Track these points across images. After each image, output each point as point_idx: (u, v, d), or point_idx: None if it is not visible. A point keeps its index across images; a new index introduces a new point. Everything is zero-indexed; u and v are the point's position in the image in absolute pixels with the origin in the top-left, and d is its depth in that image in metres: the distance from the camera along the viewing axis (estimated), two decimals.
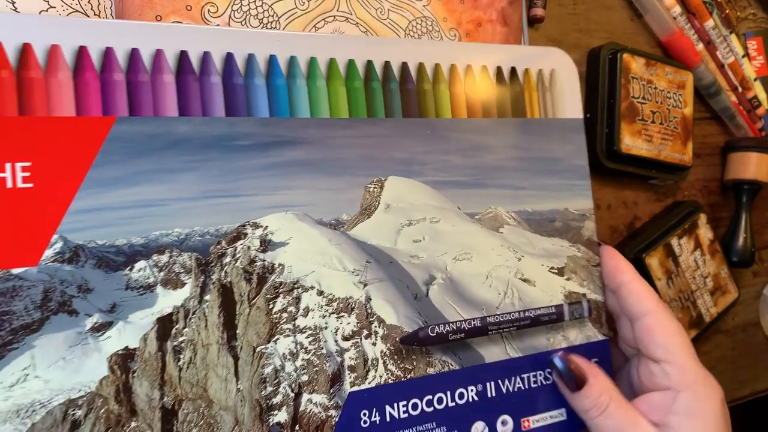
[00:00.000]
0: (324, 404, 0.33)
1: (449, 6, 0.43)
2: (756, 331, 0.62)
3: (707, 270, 0.54)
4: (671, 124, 0.52)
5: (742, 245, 0.57)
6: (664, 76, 0.52)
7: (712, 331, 0.57)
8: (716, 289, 0.54)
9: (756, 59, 0.62)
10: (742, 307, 0.60)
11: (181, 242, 0.31)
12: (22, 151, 0.28)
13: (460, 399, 0.37)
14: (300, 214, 0.34)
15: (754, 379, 0.61)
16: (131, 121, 0.30)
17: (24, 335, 0.28)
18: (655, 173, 0.53)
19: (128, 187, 0.29)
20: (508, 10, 0.44)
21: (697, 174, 0.59)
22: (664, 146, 0.52)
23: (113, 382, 0.29)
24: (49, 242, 0.28)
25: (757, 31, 0.62)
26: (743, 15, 0.62)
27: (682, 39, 0.55)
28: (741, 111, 0.59)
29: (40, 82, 0.28)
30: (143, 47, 0.31)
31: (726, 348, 0.59)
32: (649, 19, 0.55)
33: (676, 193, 0.57)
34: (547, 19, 0.50)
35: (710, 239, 0.54)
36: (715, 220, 0.59)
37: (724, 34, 0.59)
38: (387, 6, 0.41)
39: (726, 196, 0.61)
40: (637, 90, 0.50)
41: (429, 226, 0.38)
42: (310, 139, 0.34)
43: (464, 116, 0.39)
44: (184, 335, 0.30)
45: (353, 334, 0.34)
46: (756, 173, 0.57)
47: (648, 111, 0.51)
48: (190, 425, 0.30)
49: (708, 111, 0.60)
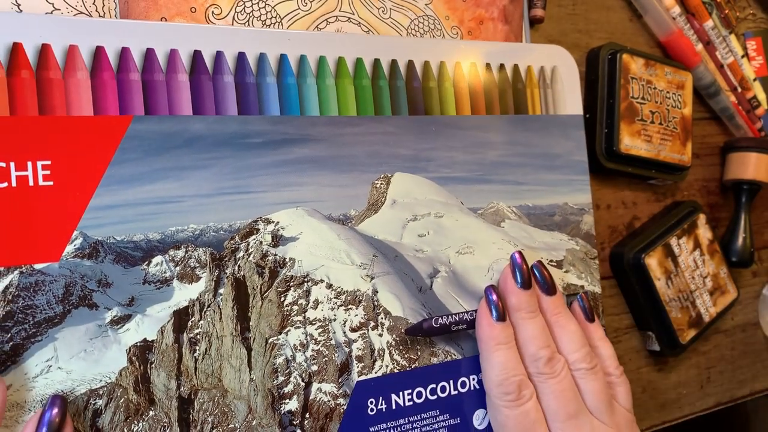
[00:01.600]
0: (333, 393, 0.34)
1: (451, 4, 0.44)
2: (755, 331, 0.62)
3: (706, 270, 0.54)
4: (670, 124, 0.52)
5: (741, 245, 0.57)
6: (664, 77, 0.52)
7: (712, 331, 0.58)
8: (715, 289, 0.55)
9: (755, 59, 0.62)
10: (741, 307, 0.60)
11: (196, 238, 0.32)
12: (42, 150, 0.29)
13: (462, 387, 0.38)
14: (310, 209, 0.35)
15: (753, 379, 0.61)
16: (148, 120, 0.31)
17: (47, 328, 0.29)
18: (655, 173, 0.53)
19: (145, 184, 0.30)
20: (509, 7, 0.45)
21: (696, 174, 0.59)
22: (664, 146, 0.52)
23: (132, 373, 0.30)
24: (69, 238, 0.29)
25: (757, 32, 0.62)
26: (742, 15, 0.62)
27: (681, 39, 0.55)
28: (740, 111, 0.59)
29: (59, 82, 0.29)
30: (158, 47, 0.31)
31: (725, 348, 0.59)
32: (648, 19, 0.56)
33: (676, 193, 0.57)
34: (546, 19, 0.50)
35: (709, 239, 0.54)
36: (715, 220, 0.59)
37: (724, 34, 0.59)
38: (389, 5, 0.42)
39: (725, 196, 0.61)
40: (636, 90, 0.50)
41: (433, 221, 0.39)
42: (319, 137, 0.35)
43: (468, 113, 0.40)
44: (199, 327, 0.31)
45: (361, 325, 0.35)
46: (755, 173, 0.57)
47: (647, 111, 0.51)
48: (206, 414, 0.31)
49: (707, 111, 0.60)
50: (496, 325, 0.37)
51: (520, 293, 0.37)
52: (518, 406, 0.35)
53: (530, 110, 0.42)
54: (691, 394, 0.57)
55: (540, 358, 0.36)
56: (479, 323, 0.37)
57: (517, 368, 0.36)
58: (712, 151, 0.60)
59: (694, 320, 0.53)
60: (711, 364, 0.58)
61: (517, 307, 0.37)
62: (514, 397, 0.35)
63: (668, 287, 0.51)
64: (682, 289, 0.52)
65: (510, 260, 0.38)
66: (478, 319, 0.37)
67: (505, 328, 0.37)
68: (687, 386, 0.57)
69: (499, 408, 0.36)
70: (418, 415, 0.37)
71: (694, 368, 0.57)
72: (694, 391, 0.57)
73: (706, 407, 0.58)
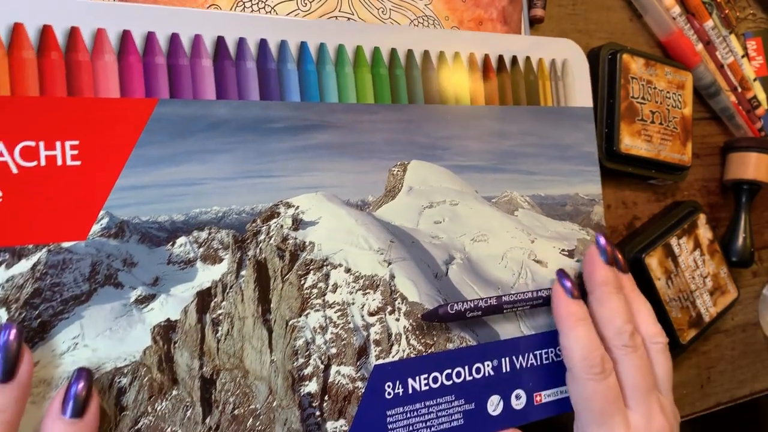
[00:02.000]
0: (351, 376, 0.34)
1: (451, 5, 0.44)
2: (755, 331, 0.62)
3: (707, 270, 0.54)
4: (671, 124, 0.53)
5: (741, 245, 0.57)
6: (664, 77, 0.53)
7: (712, 331, 0.58)
8: (716, 289, 0.55)
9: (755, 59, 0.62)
10: (741, 307, 0.60)
11: (219, 220, 0.32)
12: (70, 131, 0.29)
13: (477, 373, 0.38)
14: (329, 194, 0.35)
15: (753, 379, 0.61)
16: (173, 103, 0.31)
17: (74, 306, 0.29)
18: (655, 173, 0.53)
19: (170, 166, 0.31)
20: (508, 8, 0.46)
21: (696, 174, 0.59)
22: (664, 146, 0.52)
23: (156, 352, 0.30)
24: (96, 218, 0.29)
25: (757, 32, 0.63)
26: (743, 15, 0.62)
27: (681, 39, 0.56)
28: (740, 111, 0.60)
29: (88, 64, 0.30)
30: (182, 33, 0.32)
31: (725, 348, 0.60)
32: (648, 19, 0.56)
33: (676, 193, 0.58)
34: (546, 19, 0.51)
35: (710, 239, 0.55)
36: (715, 220, 0.60)
37: (724, 34, 0.59)
38: (389, 5, 0.42)
39: (725, 196, 0.61)
40: (636, 90, 0.51)
41: (449, 209, 0.39)
42: (339, 123, 0.35)
43: (482, 103, 0.40)
44: (222, 308, 0.32)
45: (378, 310, 0.36)
46: (755, 173, 0.57)
47: (647, 111, 0.51)
48: (227, 394, 0.32)
49: (707, 111, 0.60)
50: (573, 301, 0.38)
51: (607, 268, 0.39)
52: (604, 379, 0.36)
53: (542, 101, 0.43)
54: (691, 394, 0.57)
55: (625, 331, 0.38)
56: (556, 302, 0.39)
57: (598, 342, 0.37)
58: (712, 151, 0.60)
59: (695, 320, 0.53)
60: (711, 364, 0.59)
61: (605, 281, 0.39)
62: (599, 369, 0.36)
63: (668, 287, 0.51)
64: (682, 289, 0.52)
65: (595, 241, 0.40)
66: (555, 299, 0.39)
67: (582, 305, 0.38)
68: (687, 386, 0.57)
69: (586, 382, 0.37)
70: (434, 400, 0.37)
71: (694, 368, 0.58)
72: (694, 391, 0.57)
73: (706, 407, 0.58)
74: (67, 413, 0.27)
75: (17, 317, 0.28)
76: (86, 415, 0.27)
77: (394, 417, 0.35)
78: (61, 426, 0.27)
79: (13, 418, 0.26)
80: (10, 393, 0.26)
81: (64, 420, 0.27)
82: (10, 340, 0.26)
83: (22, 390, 0.26)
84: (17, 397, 0.26)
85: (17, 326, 0.26)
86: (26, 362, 0.26)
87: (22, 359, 0.26)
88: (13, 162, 0.28)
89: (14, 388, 0.26)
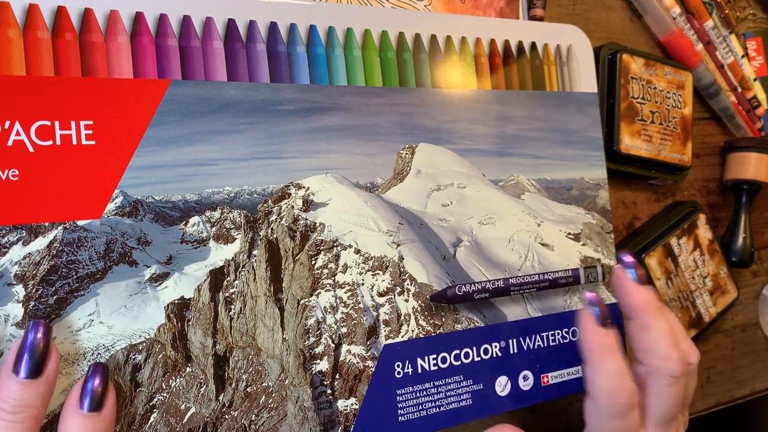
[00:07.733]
0: (362, 355, 0.35)
1: (450, 6, 0.45)
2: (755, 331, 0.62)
3: (706, 270, 0.54)
4: (671, 124, 0.53)
5: (741, 245, 0.57)
6: (664, 77, 0.53)
7: (712, 331, 0.58)
8: (715, 289, 0.55)
9: (755, 59, 0.62)
10: (741, 307, 0.60)
11: (232, 200, 0.32)
12: (85, 111, 0.29)
13: (485, 354, 0.39)
14: (338, 176, 0.35)
15: (753, 379, 0.61)
16: (185, 84, 0.32)
17: (89, 283, 0.29)
18: (655, 173, 0.53)
19: (183, 146, 0.31)
20: (506, 9, 0.46)
21: (696, 174, 0.59)
22: (664, 146, 0.52)
23: (170, 330, 0.31)
24: (110, 197, 0.30)
25: (757, 32, 0.62)
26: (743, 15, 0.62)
27: (681, 39, 0.56)
28: (740, 111, 0.60)
29: (101, 45, 0.30)
30: (194, 15, 0.32)
31: (725, 348, 0.59)
32: (648, 19, 0.56)
33: (676, 193, 0.57)
34: (546, 19, 0.50)
35: (709, 239, 0.55)
36: (715, 220, 0.60)
37: (724, 34, 0.59)
38: (388, 6, 0.43)
39: (725, 196, 0.61)
40: (636, 90, 0.51)
41: (456, 192, 0.40)
42: (347, 106, 0.36)
43: (489, 88, 0.41)
44: (234, 287, 0.32)
45: (387, 290, 0.36)
46: (755, 173, 0.57)
47: (647, 111, 0.51)
48: (240, 371, 0.32)
49: (707, 111, 0.60)
50: (603, 331, 0.35)
51: (642, 290, 0.36)
52: (627, 414, 0.34)
53: (547, 86, 0.43)
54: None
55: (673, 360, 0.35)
56: (585, 330, 0.36)
57: (627, 377, 0.35)
58: (712, 151, 0.60)
59: (694, 320, 0.53)
60: (711, 364, 0.58)
61: (645, 306, 0.36)
62: (626, 408, 0.34)
63: (668, 287, 0.51)
64: (682, 289, 0.52)
65: (618, 261, 0.38)
66: (583, 327, 0.36)
67: (612, 334, 0.36)
68: None
69: (609, 418, 0.35)
70: (442, 380, 0.37)
71: None
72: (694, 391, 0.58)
73: (706, 407, 0.58)
74: (85, 408, 0.27)
75: (34, 293, 0.28)
76: (104, 409, 0.27)
77: (403, 396, 0.36)
78: (79, 420, 0.27)
79: (39, 413, 0.26)
80: (37, 389, 0.26)
81: (82, 414, 0.27)
82: (38, 338, 0.26)
83: (49, 386, 0.26)
84: (44, 392, 0.26)
85: (45, 324, 0.27)
86: (53, 360, 0.26)
87: (50, 357, 0.26)
88: (30, 141, 0.28)
89: (41, 384, 0.26)
